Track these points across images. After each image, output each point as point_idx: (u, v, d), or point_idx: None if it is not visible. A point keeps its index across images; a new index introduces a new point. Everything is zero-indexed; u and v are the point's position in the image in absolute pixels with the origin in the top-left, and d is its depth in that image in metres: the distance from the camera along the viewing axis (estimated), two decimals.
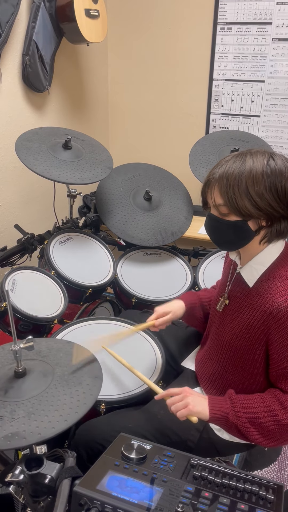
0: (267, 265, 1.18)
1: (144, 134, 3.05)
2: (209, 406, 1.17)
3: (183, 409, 1.14)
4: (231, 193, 1.09)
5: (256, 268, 1.19)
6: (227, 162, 1.13)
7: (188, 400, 1.14)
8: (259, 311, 1.15)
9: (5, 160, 2.20)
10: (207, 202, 1.20)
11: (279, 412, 1.12)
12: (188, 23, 2.67)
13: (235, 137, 2.22)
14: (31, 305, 1.63)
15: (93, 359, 1.14)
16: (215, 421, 1.17)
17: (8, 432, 0.90)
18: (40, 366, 1.10)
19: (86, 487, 0.83)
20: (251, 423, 1.13)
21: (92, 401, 0.99)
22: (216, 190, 1.13)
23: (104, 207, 2.08)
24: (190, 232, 2.22)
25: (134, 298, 1.89)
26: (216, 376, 1.32)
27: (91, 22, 2.28)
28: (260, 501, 0.84)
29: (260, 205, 1.09)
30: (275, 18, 2.49)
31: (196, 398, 1.17)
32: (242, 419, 1.13)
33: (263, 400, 1.16)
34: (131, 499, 0.81)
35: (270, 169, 1.08)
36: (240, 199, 1.09)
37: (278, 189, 1.08)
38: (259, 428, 1.13)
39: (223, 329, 1.28)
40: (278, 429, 1.12)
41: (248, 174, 1.08)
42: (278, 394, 1.15)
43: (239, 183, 1.09)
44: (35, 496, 0.94)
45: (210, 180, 1.15)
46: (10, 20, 1.98)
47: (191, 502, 0.82)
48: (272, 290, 1.13)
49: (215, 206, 1.15)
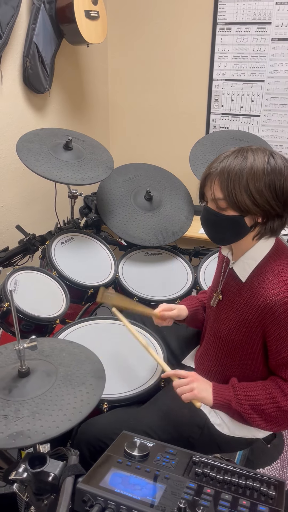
0: (259, 260, 1.20)
1: (144, 135, 3.06)
2: (213, 393, 1.21)
3: (188, 393, 1.18)
4: (231, 188, 1.11)
5: (248, 263, 1.21)
6: (228, 157, 1.14)
7: (193, 385, 1.18)
8: (253, 305, 1.17)
9: (6, 161, 2.21)
10: (204, 195, 1.21)
11: (280, 399, 1.15)
12: (188, 23, 2.68)
13: (235, 137, 2.22)
14: (33, 305, 1.64)
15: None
16: (218, 407, 1.21)
17: (13, 431, 0.91)
18: (43, 365, 1.10)
19: (89, 484, 0.84)
20: (253, 410, 1.17)
21: (96, 401, 1.00)
22: (217, 184, 1.14)
23: (105, 207, 2.09)
24: (191, 231, 2.23)
25: (135, 298, 1.90)
26: (215, 372, 1.34)
27: (91, 23, 2.29)
28: (262, 497, 0.85)
29: (258, 202, 1.10)
30: (274, 18, 2.49)
31: (202, 384, 1.21)
32: (245, 406, 1.17)
33: (265, 387, 1.19)
34: (134, 496, 0.82)
35: (270, 167, 1.10)
36: (240, 194, 1.10)
37: (277, 187, 1.10)
38: (261, 414, 1.17)
39: (219, 324, 1.29)
40: (280, 415, 1.16)
41: (249, 171, 1.10)
42: (279, 382, 1.19)
43: (240, 178, 1.10)
44: (39, 494, 0.95)
45: (210, 174, 1.16)
46: (10, 22, 1.99)
47: (193, 499, 0.83)
48: (265, 284, 1.15)
49: (214, 200, 1.16)
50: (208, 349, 1.38)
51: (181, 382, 1.21)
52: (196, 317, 1.51)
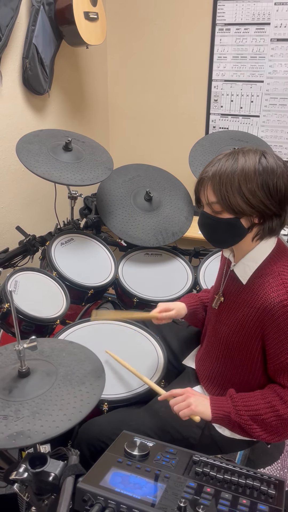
0: (259, 262, 1.19)
1: (144, 135, 3.06)
2: (211, 406, 1.19)
3: (185, 409, 1.16)
4: (224, 191, 1.11)
5: (248, 265, 1.21)
6: (219, 160, 1.14)
7: (190, 401, 1.17)
8: (253, 308, 1.16)
9: (6, 163, 2.22)
10: (200, 200, 1.21)
11: (280, 407, 1.13)
12: (187, 24, 2.68)
13: (235, 137, 2.23)
14: (34, 306, 1.64)
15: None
16: (217, 421, 1.19)
17: (13, 431, 0.91)
18: (43, 366, 1.11)
19: (89, 483, 0.84)
20: (253, 420, 1.15)
21: (96, 401, 1.01)
22: (209, 188, 1.14)
23: (105, 208, 2.09)
24: (191, 232, 2.23)
25: (135, 299, 1.90)
26: (215, 373, 1.33)
27: (90, 25, 2.30)
28: (262, 496, 0.85)
29: (252, 203, 1.10)
30: (273, 19, 2.50)
31: (198, 398, 1.19)
32: (244, 417, 1.15)
33: (264, 396, 1.17)
34: (134, 495, 0.82)
35: (262, 167, 1.10)
36: (233, 196, 1.10)
37: (270, 187, 1.10)
38: (262, 424, 1.14)
39: (220, 326, 1.29)
40: (280, 424, 1.14)
41: (240, 172, 1.10)
42: (278, 389, 1.17)
43: (231, 181, 1.10)
44: (39, 494, 0.95)
45: (203, 178, 1.16)
46: (10, 23, 2.00)
47: (193, 498, 0.83)
48: (265, 286, 1.15)
49: (208, 204, 1.17)
50: (208, 351, 1.37)
51: (177, 399, 1.19)
52: (195, 316, 1.50)
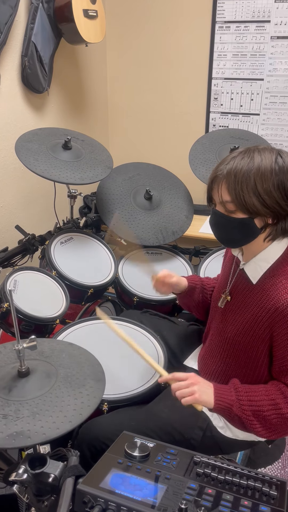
0: (271, 262, 1.17)
1: (143, 134, 3.05)
2: (215, 395, 1.16)
3: (188, 396, 1.13)
4: (239, 190, 1.08)
5: (260, 265, 1.19)
6: (234, 158, 1.11)
7: (194, 388, 1.14)
8: (263, 308, 1.15)
9: (5, 161, 2.21)
10: (212, 199, 1.18)
11: (283, 406, 1.13)
12: (187, 22, 2.67)
13: (235, 136, 2.22)
14: (33, 306, 1.63)
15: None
16: (218, 411, 1.17)
17: (13, 431, 0.91)
18: (43, 366, 1.10)
19: (89, 485, 0.83)
20: (254, 416, 1.14)
21: (96, 404, 1.00)
22: (224, 187, 1.11)
23: (104, 207, 2.08)
24: (191, 231, 2.22)
25: (135, 298, 1.89)
26: (218, 373, 1.32)
27: (89, 23, 2.28)
28: (264, 497, 0.84)
29: (267, 203, 1.08)
30: (274, 16, 2.49)
31: (203, 386, 1.16)
32: (247, 412, 1.14)
33: (268, 392, 1.16)
34: (134, 497, 0.81)
35: (278, 167, 1.08)
36: (248, 196, 1.08)
37: (286, 187, 1.08)
38: (262, 420, 1.14)
39: (226, 325, 1.28)
40: (281, 422, 1.13)
41: (256, 171, 1.07)
42: (282, 387, 1.16)
43: (247, 180, 1.07)
44: (39, 495, 0.95)
45: (217, 176, 1.13)
46: (8, 21, 1.99)
47: (194, 499, 0.82)
48: (277, 287, 1.13)
49: (222, 203, 1.14)
50: (212, 350, 1.36)
51: (180, 385, 1.15)
52: (192, 293, 1.47)
